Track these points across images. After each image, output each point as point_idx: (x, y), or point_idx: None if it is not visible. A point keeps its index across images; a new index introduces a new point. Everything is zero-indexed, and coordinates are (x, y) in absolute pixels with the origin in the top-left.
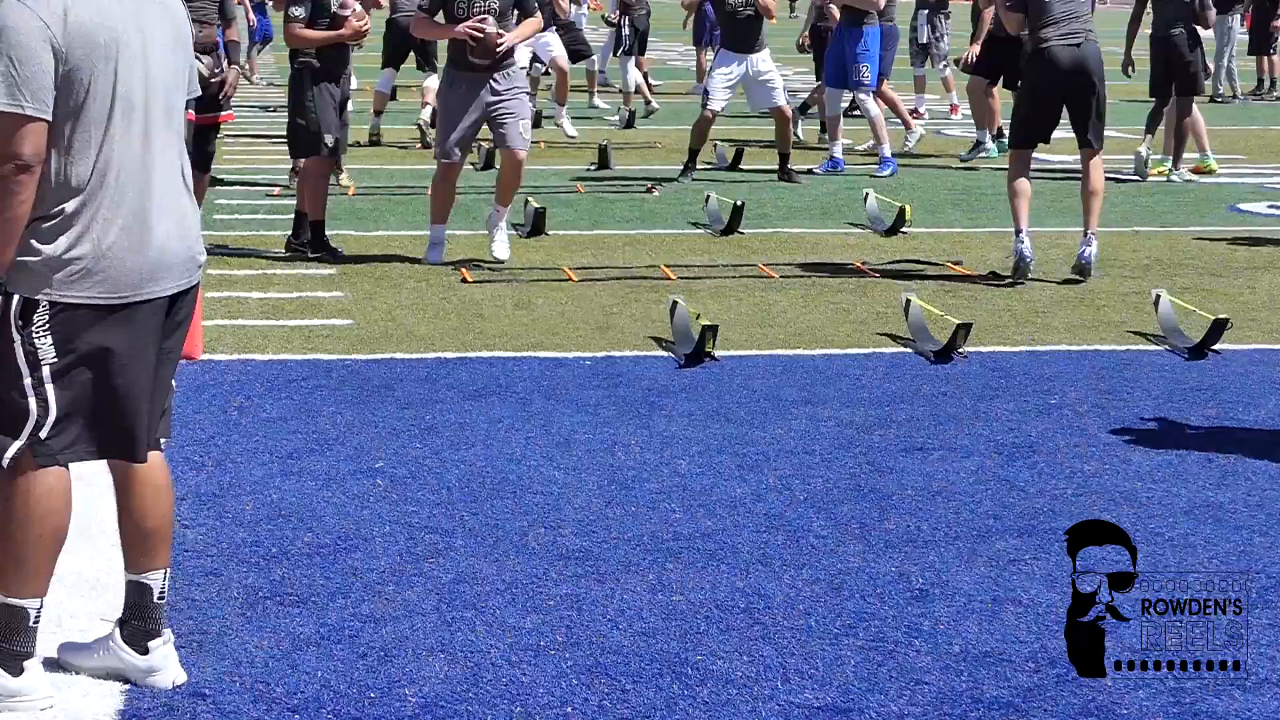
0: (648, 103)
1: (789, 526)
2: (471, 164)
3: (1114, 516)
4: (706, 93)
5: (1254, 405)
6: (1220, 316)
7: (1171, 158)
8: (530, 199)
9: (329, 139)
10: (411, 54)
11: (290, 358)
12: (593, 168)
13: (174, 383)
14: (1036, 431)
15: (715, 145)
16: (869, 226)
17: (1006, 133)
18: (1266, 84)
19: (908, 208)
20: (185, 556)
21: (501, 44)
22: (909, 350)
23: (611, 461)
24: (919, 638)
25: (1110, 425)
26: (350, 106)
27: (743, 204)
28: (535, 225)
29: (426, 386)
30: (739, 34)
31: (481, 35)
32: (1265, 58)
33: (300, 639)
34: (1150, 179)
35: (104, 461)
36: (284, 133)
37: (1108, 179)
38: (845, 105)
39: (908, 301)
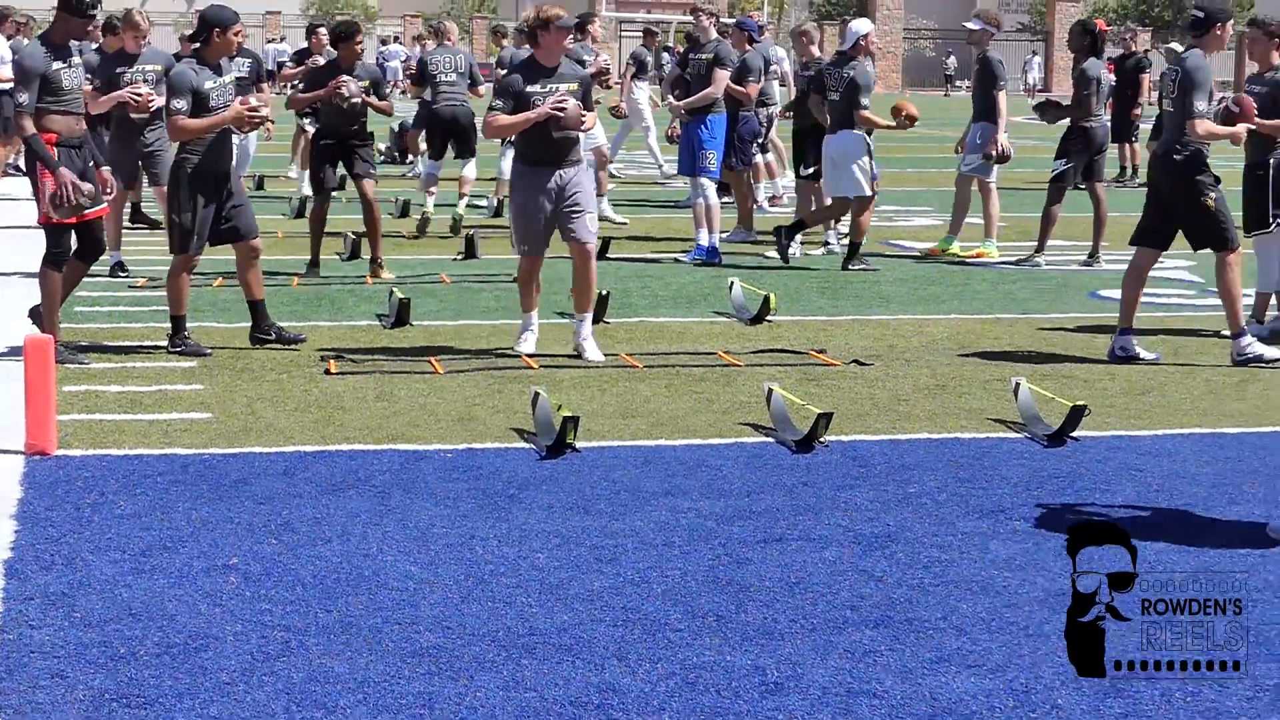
0: None
1: (646, 620)
2: (337, 254)
3: (970, 605)
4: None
5: (1111, 492)
6: (1079, 403)
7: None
8: (395, 290)
9: (197, 239)
10: (451, 143)
11: (147, 452)
12: (459, 257)
13: None
14: (895, 521)
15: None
16: (734, 315)
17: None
18: (1128, 171)
19: (773, 296)
20: (31, 658)
21: (584, 120)
22: (771, 440)
23: (469, 555)
24: None
25: (969, 513)
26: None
27: (608, 293)
28: (399, 316)
29: (284, 481)
30: None
31: (565, 109)
32: (1127, 145)
33: None
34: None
35: None
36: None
37: (986, 263)
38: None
39: (770, 391)
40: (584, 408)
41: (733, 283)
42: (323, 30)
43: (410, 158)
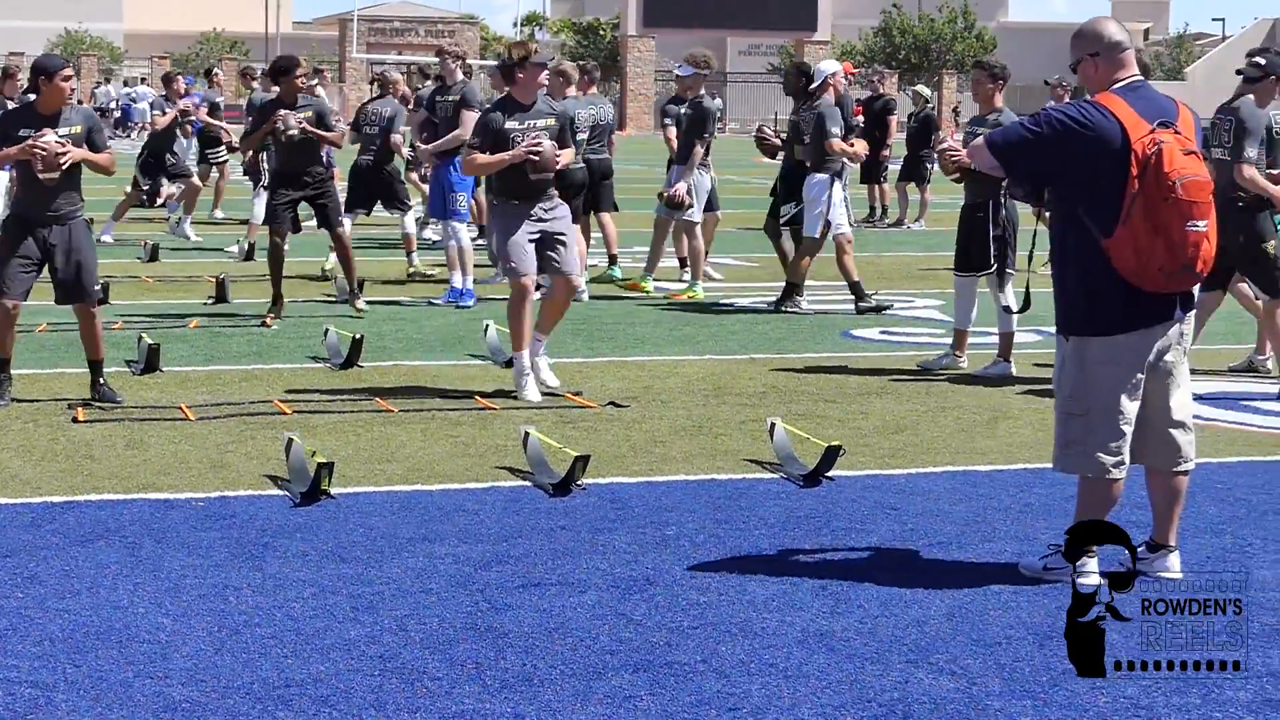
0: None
1: (404, 669)
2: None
3: (729, 648)
4: (829, 223)
5: (866, 531)
6: (833, 443)
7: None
8: (144, 335)
9: (5, 284)
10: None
11: None
12: (210, 301)
13: None
14: (654, 563)
15: (335, 279)
16: (489, 358)
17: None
18: (878, 212)
19: None
20: None
21: (558, 159)
22: (528, 484)
23: (222, 606)
24: None
25: (726, 555)
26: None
27: (362, 337)
28: (149, 362)
29: (30, 532)
30: None
31: (540, 152)
32: (876, 186)
33: None
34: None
35: None
36: None
37: (736, 305)
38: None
39: (526, 434)
40: (339, 453)
41: (488, 325)
42: (180, 79)
43: (161, 201)
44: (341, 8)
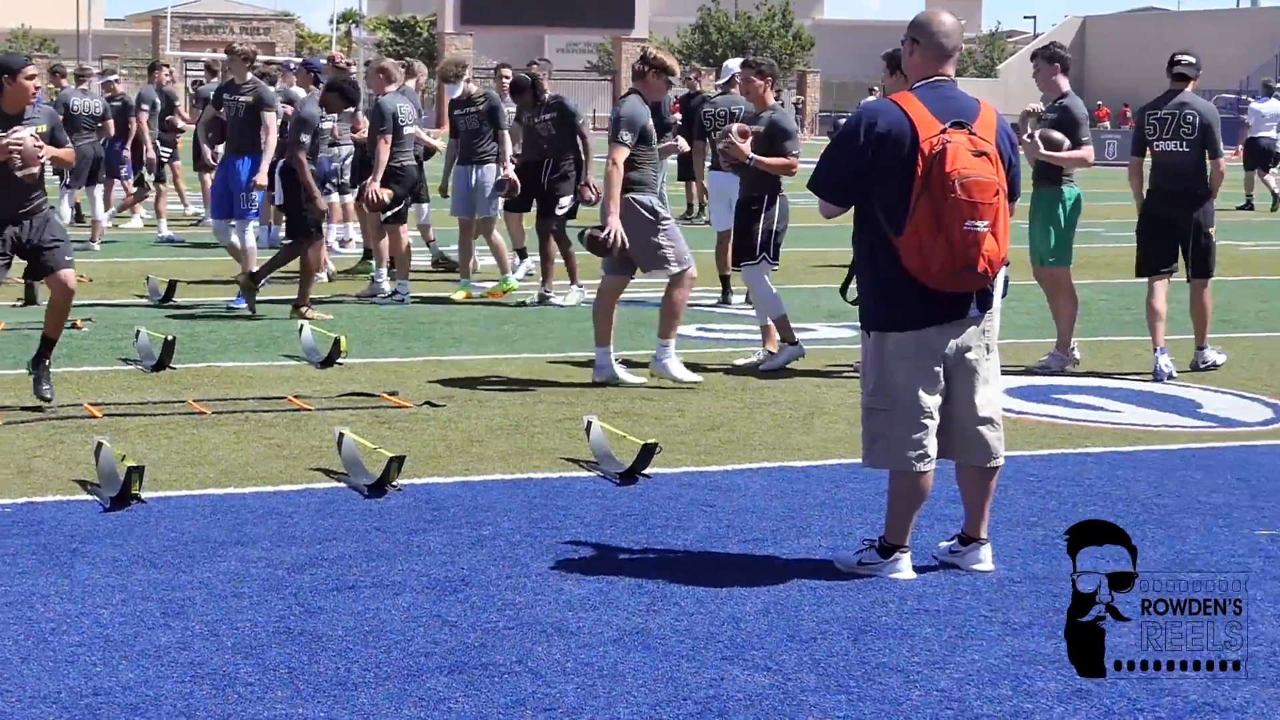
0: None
1: (215, 675)
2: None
3: (545, 648)
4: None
5: (683, 529)
6: (650, 441)
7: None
8: None
9: None
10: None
11: None
12: (19, 304)
13: None
14: (469, 564)
15: (148, 278)
16: (304, 359)
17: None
18: (695, 209)
19: (343, 339)
20: None
21: None
22: (343, 485)
23: (29, 614)
24: None
25: (543, 555)
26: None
27: (174, 339)
28: None
29: None
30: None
31: None
32: (692, 184)
33: None
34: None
35: None
36: None
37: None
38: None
39: (341, 435)
40: (149, 457)
41: (302, 325)
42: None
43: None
44: (154, 5)
